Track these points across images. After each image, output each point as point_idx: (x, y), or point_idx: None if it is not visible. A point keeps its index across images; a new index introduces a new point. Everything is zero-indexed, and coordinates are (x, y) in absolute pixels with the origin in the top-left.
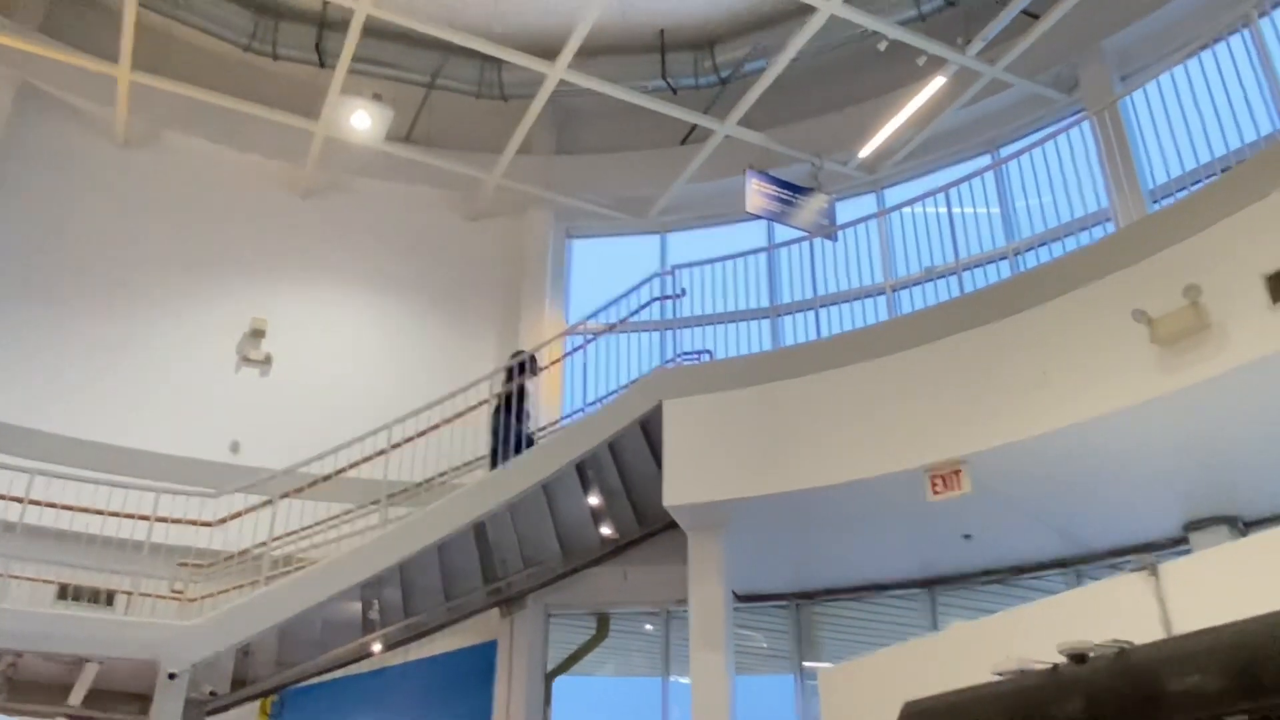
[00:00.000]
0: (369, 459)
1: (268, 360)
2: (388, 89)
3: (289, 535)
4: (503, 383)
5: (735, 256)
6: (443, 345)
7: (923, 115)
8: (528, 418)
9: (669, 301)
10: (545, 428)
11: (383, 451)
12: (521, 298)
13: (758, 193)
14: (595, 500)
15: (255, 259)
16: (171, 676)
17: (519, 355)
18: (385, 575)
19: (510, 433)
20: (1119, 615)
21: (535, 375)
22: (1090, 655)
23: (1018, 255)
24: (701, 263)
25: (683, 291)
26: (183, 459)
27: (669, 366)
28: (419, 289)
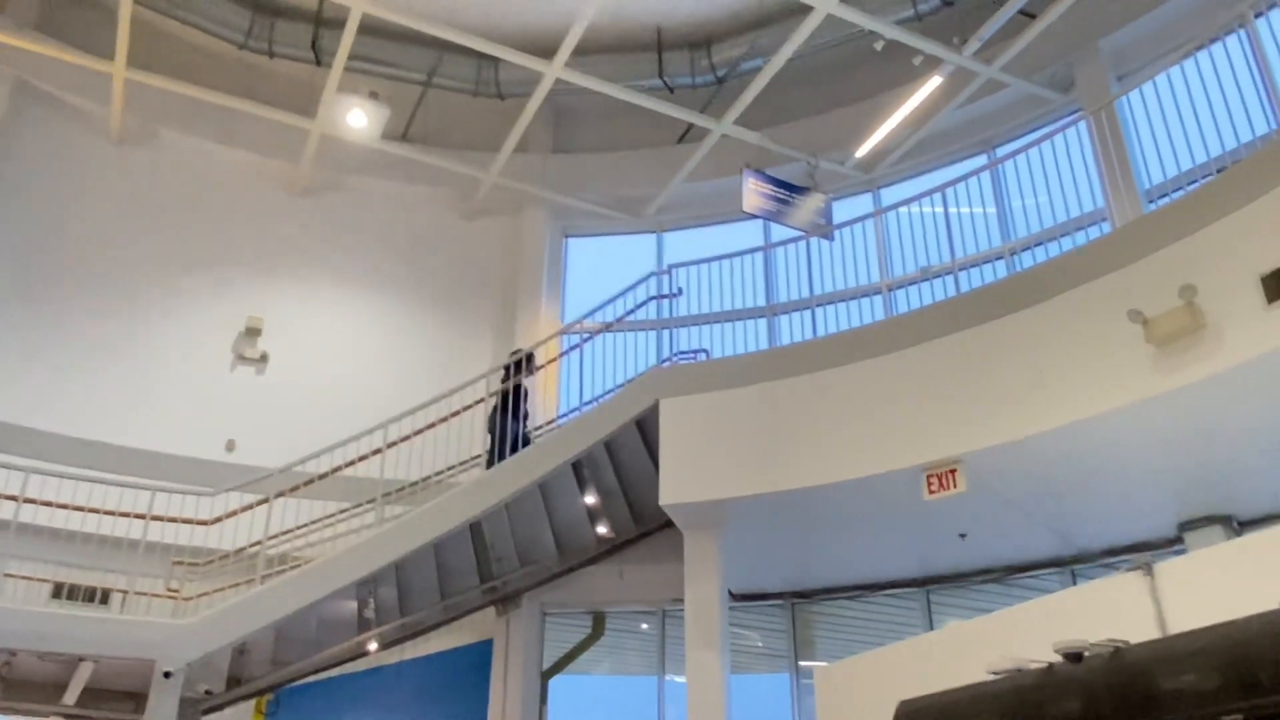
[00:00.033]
0: (365, 458)
1: (264, 359)
2: (384, 87)
3: (284, 534)
4: (501, 381)
5: (732, 256)
6: (439, 344)
7: (919, 115)
8: (526, 417)
9: (665, 300)
10: (541, 427)
11: (378, 450)
12: (518, 296)
13: (754, 192)
14: (591, 499)
15: (251, 257)
16: (167, 675)
17: (517, 354)
18: (381, 574)
19: (508, 431)
20: (1114, 615)
21: (532, 374)
22: (1086, 654)
23: (1014, 255)
24: (698, 262)
25: (679, 290)
26: (178, 457)
27: (665, 366)
28: (415, 288)
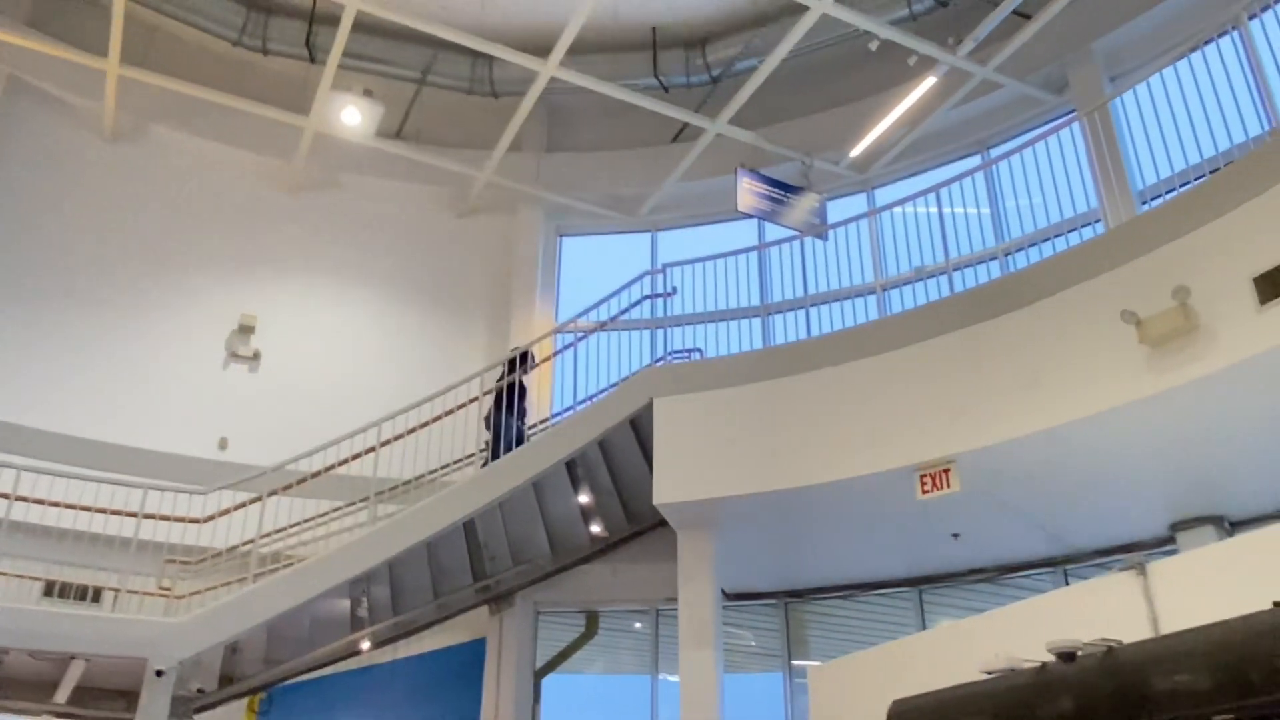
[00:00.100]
0: (358, 456)
1: (256, 356)
2: (378, 85)
3: (277, 532)
4: (499, 378)
5: (726, 255)
6: (433, 342)
7: (913, 115)
8: (524, 414)
9: (659, 300)
10: (535, 426)
11: (372, 449)
12: (512, 295)
13: (749, 191)
14: (585, 498)
15: (244, 255)
16: (159, 674)
17: (516, 350)
18: (374, 572)
19: (508, 429)
20: (1107, 614)
21: (527, 372)
22: (1079, 654)
23: (1007, 255)
24: (692, 261)
25: (673, 290)
26: (171, 455)
27: (659, 365)
28: (409, 286)
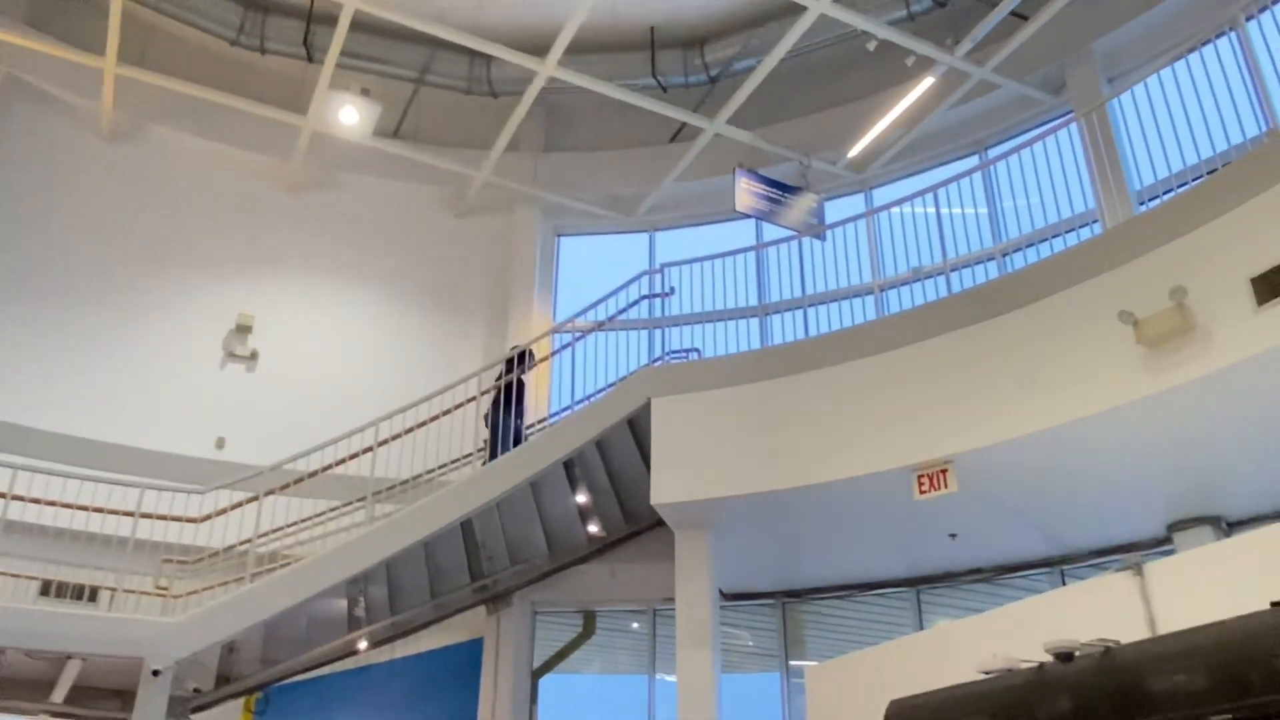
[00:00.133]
0: (355, 456)
1: (254, 356)
2: (376, 84)
3: (274, 532)
4: (499, 377)
5: (724, 255)
6: (430, 342)
7: (911, 115)
8: (523, 413)
9: (657, 300)
10: (533, 425)
11: (369, 448)
12: (510, 295)
13: (747, 191)
14: (583, 498)
15: (242, 254)
16: (155, 673)
17: (516, 349)
18: (371, 572)
19: (506, 428)
20: (1104, 614)
21: (526, 370)
22: (1076, 654)
23: (1005, 256)
24: (690, 261)
25: (671, 290)
26: (168, 455)
27: (657, 365)
28: (407, 286)
